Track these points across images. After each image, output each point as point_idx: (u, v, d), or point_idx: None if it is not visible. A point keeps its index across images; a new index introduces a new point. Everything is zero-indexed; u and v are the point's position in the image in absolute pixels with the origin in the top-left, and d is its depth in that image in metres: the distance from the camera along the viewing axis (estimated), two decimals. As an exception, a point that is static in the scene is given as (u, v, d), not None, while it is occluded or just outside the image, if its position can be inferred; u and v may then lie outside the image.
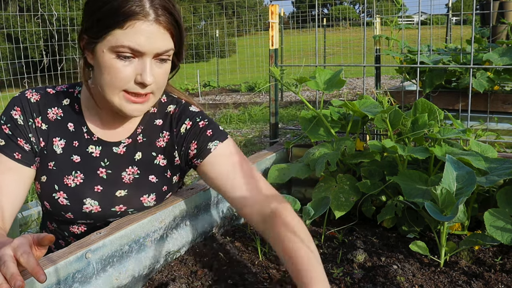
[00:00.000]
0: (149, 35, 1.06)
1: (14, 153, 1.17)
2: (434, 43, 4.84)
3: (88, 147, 1.23)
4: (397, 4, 3.19)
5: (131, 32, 1.05)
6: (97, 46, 1.08)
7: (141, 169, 1.25)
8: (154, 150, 1.26)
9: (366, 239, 1.39)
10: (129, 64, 1.08)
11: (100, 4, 1.07)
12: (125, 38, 1.05)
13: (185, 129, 1.25)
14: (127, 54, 1.07)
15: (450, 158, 1.19)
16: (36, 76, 6.28)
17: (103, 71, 1.09)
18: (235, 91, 10.88)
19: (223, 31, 13.53)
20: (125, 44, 1.05)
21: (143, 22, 1.05)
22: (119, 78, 1.08)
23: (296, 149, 1.84)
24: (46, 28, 6.51)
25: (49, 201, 1.21)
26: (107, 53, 1.07)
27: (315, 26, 3.36)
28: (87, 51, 1.13)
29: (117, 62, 1.07)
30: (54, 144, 1.21)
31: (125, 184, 1.23)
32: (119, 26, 1.05)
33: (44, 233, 0.88)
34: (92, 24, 1.08)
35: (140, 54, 1.07)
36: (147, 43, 1.07)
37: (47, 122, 1.22)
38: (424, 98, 1.52)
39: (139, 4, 1.05)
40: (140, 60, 1.08)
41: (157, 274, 1.18)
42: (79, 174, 1.21)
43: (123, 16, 1.04)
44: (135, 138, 1.26)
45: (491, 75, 2.50)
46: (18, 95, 1.22)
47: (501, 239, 1.16)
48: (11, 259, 0.82)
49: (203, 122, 1.25)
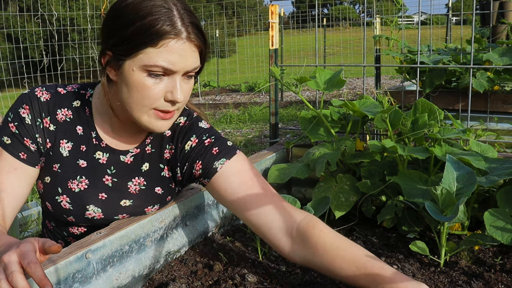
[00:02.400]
0: (182, 53, 1.05)
1: (20, 153, 1.15)
2: (434, 43, 4.84)
3: (95, 153, 1.21)
4: (397, 4, 3.19)
5: (164, 51, 1.04)
6: (126, 63, 1.06)
7: (148, 180, 1.23)
8: (162, 162, 1.24)
9: (366, 239, 1.39)
10: (159, 82, 1.07)
11: (128, 21, 1.04)
12: (158, 56, 1.04)
13: (190, 146, 1.21)
14: (159, 73, 1.05)
15: (450, 158, 1.19)
16: (36, 76, 6.28)
17: (131, 89, 1.07)
18: (235, 91, 10.88)
19: (223, 31, 13.52)
20: (158, 64, 1.04)
21: (176, 41, 1.04)
22: (149, 96, 1.07)
23: (296, 149, 1.84)
24: (46, 28, 6.51)
25: (51, 203, 1.20)
26: (138, 71, 1.05)
27: (315, 26, 3.36)
28: (110, 67, 1.10)
29: (148, 80, 1.06)
30: (60, 146, 1.19)
31: (131, 194, 1.21)
32: (152, 44, 1.03)
33: (52, 242, 0.85)
34: (120, 41, 1.05)
35: (172, 72, 1.06)
36: (180, 62, 1.06)
37: (56, 123, 1.19)
38: (424, 98, 1.52)
39: (171, 23, 1.04)
40: (170, 78, 1.07)
41: (157, 274, 1.18)
42: (84, 179, 1.19)
43: (156, 35, 1.02)
44: (143, 148, 1.24)
45: (491, 75, 2.50)
46: (27, 92, 1.19)
47: (501, 239, 1.16)
48: (19, 268, 0.80)
49: (209, 139, 1.21)
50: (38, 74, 6.29)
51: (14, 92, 6.84)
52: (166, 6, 1.05)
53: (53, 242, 0.85)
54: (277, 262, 1.26)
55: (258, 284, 1.12)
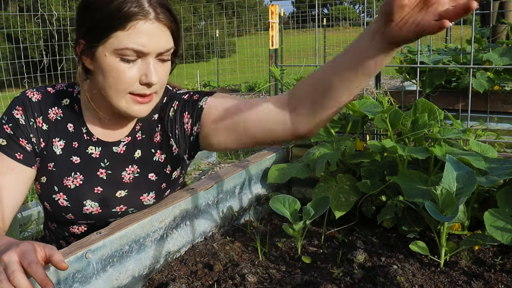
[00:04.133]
0: (152, 34, 1.06)
1: (16, 153, 1.16)
2: (434, 43, 4.84)
3: (87, 148, 1.22)
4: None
5: (133, 33, 1.04)
6: (98, 50, 1.07)
7: (141, 167, 1.25)
8: (153, 147, 1.26)
9: (366, 239, 1.39)
10: (133, 65, 1.07)
11: (96, 8, 1.05)
12: (128, 39, 1.04)
13: (173, 110, 1.23)
14: (131, 57, 1.06)
15: (450, 158, 1.19)
16: (36, 76, 6.28)
17: (106, 75, 1.08)
18: (235, 91, 10.87)
19: (223, 31, 13.52)
20: (129, 46, 1.04)
21: (145, 22, 1.05)
22: (124, 80, 1.07)
23: (296, 149, 1.84)
24: (46, 28, 6.51)
25: (49, 202, 1.21)
26: (110, 57, 1.06)
27: (315, 26, 3.36)
28: (85, 56, 1.11)
29: (122, 65, 1.06)
30: (54, 145, 1.21)
31: (125, 184, 1.23)
32: (120, 27, 1.04)
33: (60, 257, 0.84)
34: (91, 28, 1.07)
35: (144, 54, 1.07)
36: (150, 43, 1.06)
37: (48, 122, 1.21)
38: (424, 98, 1.52)
39: (137, 4, 1.04)
40: (144, 60, 1.08)
41: (157, 274, 1.18)
42: (79, 175, 1.20)
43: (124, 18, 1.03)
44: (134, 135, 1.25)
45: (491, 75, 2.50)
46: (19, 95, 1.22)
47: (501, 239, 1.16)
48: (20, 268, 0.80)
49: (188, 94, 1.24)
50: (38, 74, 6.28)
51: (14, 92, 6.85)
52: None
53: (61, 257, 0.84)
54: (277, 262, 1.26)
55: (258, 284, 1.12)
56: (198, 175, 4.08)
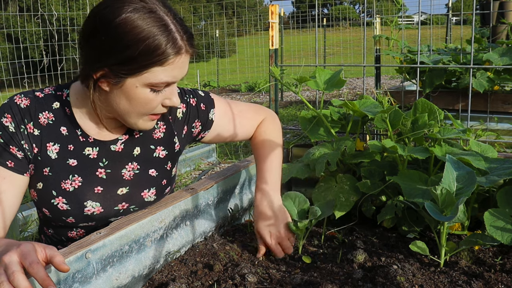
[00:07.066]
0: (182, 66, 1.12)
1: (7, 162, 1.14)
2: (434, 43, 4.84)
3: (84, 150, 1.21)
4: (397, 4, 3.19)
5: (169, 69, 1.08)
6: (128, 80, 1.08)
7: (141, 164, 1.26)
8: (152, 143, 1.28)
9: (366, 239, 1.39)
10: (159, 93, 1.12)
11: (128, 44, 1.03)
12: (163, 74, 1.08)
13: (182, 112, 1.34)
14: (160, 88, 1.11)
15: (450, 158, 1.19)
16: (36, 76, 6.28)
17: (134, 102, 1.11)
18: (235, 91, 10.87)
19: (223, 31, 13.52)
20: (163, 80, 1.09)
21: (180, 58, 1.09)
22: (151, 107, 1.13)
23: (296, 149, 1.84)
24: (46, 28, 6.51)
25: (48, 207, 1.20)
26: (141, 88, 1.09)
27: (315, 26, 3.35)
28: (104, 80, 1.09)
29: (151, 95, 1.11)
30: (48, 150, 1.19)
31: (126, 181, 1.23)
32: (158, 64, 1.07)
33: (62, 259, 0.85)
34: (123, 62, 1.05)
35: (173, 83, 1.13)
36: (181, 74, 1.13)
37: (39, 127, 1.18)
38: (424, 98, 1.52)
39: (173, 43, 1.07)
40: (169, 86, 1.13)
41: (157, 274, 1.18)
42: (77, 177, 1.19)
43: (163, 56, 1.06)
44: (131, 133, 1.26)
45: (491, 75, 2.50)
46: (7, 101, 1.19)
47: (501, 239, 1.16)
48: (20, 268, 0.80)
49: (193, 99, 1.37)
50: (38, 74, 6.28)
51: (14, 92, 6.84)
52: (161, 22, 1.05)
53: (63, 259, 0.85)
54: (277, 262, 1.26)
55: (258, 284, 1.12)
56: (198, 175, 4.08)
